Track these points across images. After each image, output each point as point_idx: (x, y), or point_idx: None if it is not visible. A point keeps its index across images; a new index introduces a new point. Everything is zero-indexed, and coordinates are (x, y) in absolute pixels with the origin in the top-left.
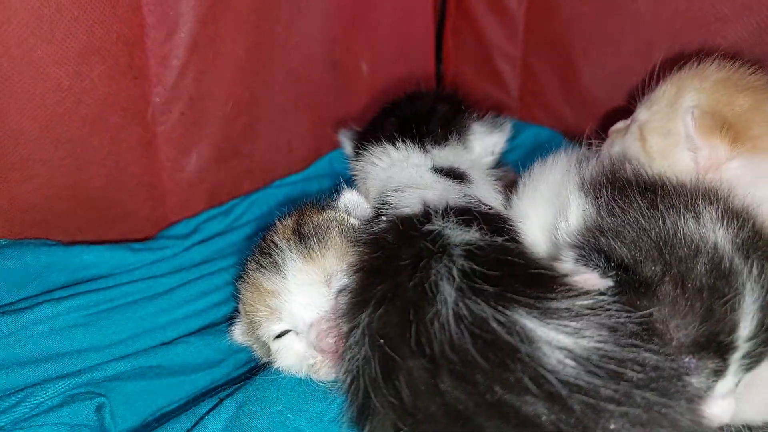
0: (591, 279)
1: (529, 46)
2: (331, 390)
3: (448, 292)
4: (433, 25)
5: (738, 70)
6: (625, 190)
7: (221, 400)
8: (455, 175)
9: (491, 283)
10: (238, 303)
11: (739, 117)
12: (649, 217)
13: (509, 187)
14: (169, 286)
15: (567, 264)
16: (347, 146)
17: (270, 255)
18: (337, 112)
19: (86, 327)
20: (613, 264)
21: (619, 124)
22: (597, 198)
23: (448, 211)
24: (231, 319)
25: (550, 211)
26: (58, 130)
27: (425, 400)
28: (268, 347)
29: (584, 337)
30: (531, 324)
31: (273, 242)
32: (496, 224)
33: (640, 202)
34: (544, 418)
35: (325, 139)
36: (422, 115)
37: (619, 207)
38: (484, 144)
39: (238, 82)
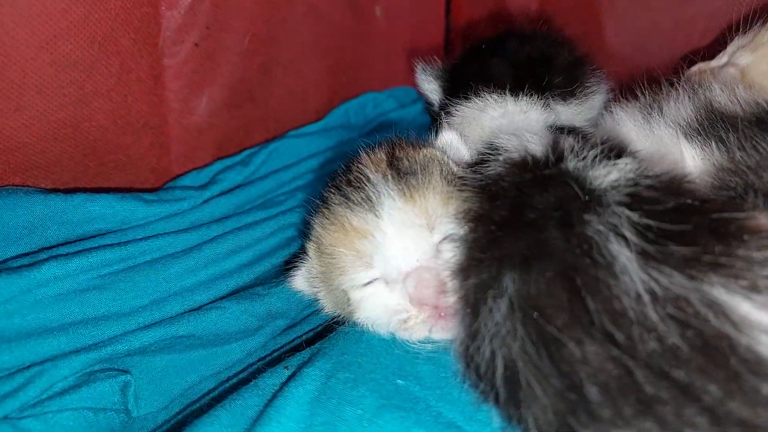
0: None
1: None
2: (431, 350)
3: (625, 256)
4: None
5: None
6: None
7: (298, 368)
8: (576, 133)
9: (681, 243)
10: (306, 243)
11: None
12: None
13: None
14: (191, 243)
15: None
16: (430, 83)
17: (361, 189)
18: (352, 60)
19: (101, 290)
20: None
21: (701, 65)
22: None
23: (583, 146)
24: (289, 263)
25: None
26: (61, 50)
27: (617, 398)
28: (347, 297)
29: None
30: (741, 304)
31: (364, 175)
32: (630, 152)
33: None
34: None
35: (339, 89)
36: (541, 63)
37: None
38: (601, 101)
39: (258, 14)
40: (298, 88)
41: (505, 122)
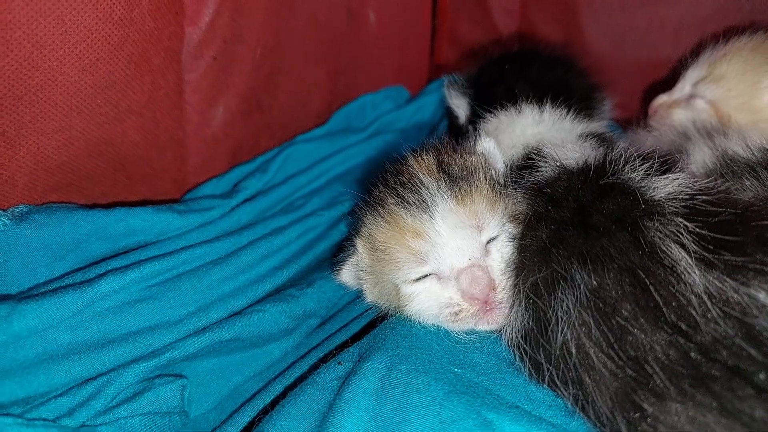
0: None
1: None
2: (477, 340)
3: (685, 260)
4: None
5: None
6: None
7: (356, 363)
8: (601, 139)
9: (732, 251)
10: (356, 239)
11: None
12: None
13: None
14: (226, 251)
15: None
16: (457, 98)
17: (416, 191)
18: (348, 63)
19: (153, 301)
20: None
21: (663, 97)
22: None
23: (631, 160)
24: (336, 260)
25: None
26: (101, 72)
27: (677, 380)
28: (398, 291)
29: None
30: None
31: (417, 178)
32: (675, 164)
33: None
34: None
35: (337, 92)
36: (563, 90)
37: None
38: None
39: (267, 26)
40: (300, 94)
41: (542, 130)
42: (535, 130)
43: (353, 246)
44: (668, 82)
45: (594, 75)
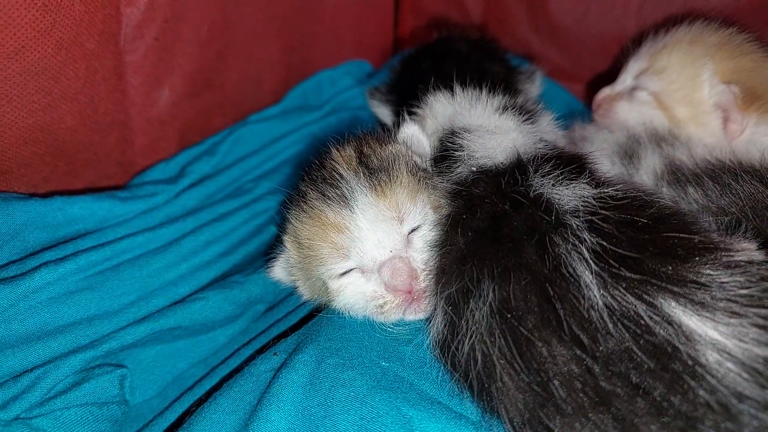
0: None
1: None
2: (407, 332)
3: (587, 278)
4: None
5: (732, 34)
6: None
7: (289, 355)
8: (522, 110)
9: (631, 268)
10: (283, 235)
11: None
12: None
13: None
14: (169, 238)
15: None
16: (378, 107)
17: (335, 186)
18: (304, 38)
19: (91, 291)
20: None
21: (606, 90)
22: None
23: (541, 164)
24: (267, 255)
25: None
26: (29, 59)
27: (579, 396)
28: (325, 286)
29: (744, 340)
30: (686, 319)
31: (337, 172)
32: (585, 167)
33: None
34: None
35: (293, 68)
36: (480, 81)
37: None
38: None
39: (212, 3)
40: (252, 71)
41: (456, 110)
42: (449, 111)
43: (282, 243)
44: (611, 76)
45: (512, 57)
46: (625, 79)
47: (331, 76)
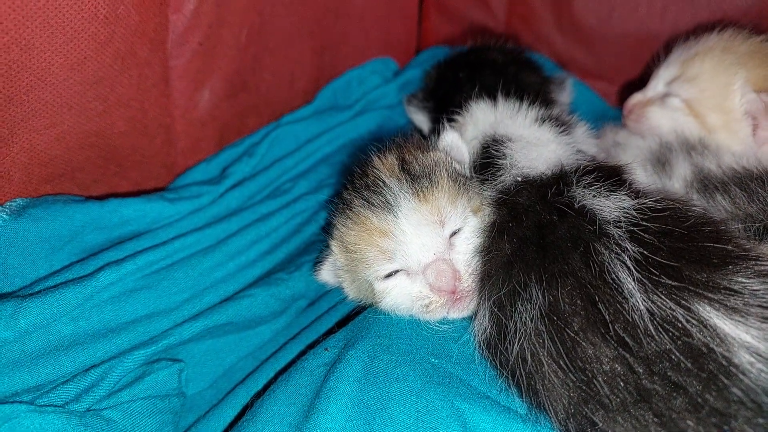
0: None
1: None
2: (453, 330)
3: (630, 284)
4: None
5: (763, 42)
6: None
7: (341, 351)
8: (559, 121)
9: (670, 276)
10: (330, 240)
11: None
12: None
13: None
14: (217, 238)
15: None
16: (416, 113)
17: (379, 193)
18: (333, 38)
19: (148, 290)
20: None
21: (638, 96)
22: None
23: (583, 175)
24: (316, 260)
25: None
26: (89, 69)
27: (622, 393)
28: (371, 287)
29: None
30: (720, 323)
31: (380, 179)
32: (624, 178)
33: None
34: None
35: (323, 67)
36: (516, 91)
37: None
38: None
39: (251, 7)
40: (285, 72)
41: (498, 118)
42: (491, 119)
43: (329, 247)
44: (640, 82)
45: (544, 68)
46: (657, 86)
47: (359, 75)
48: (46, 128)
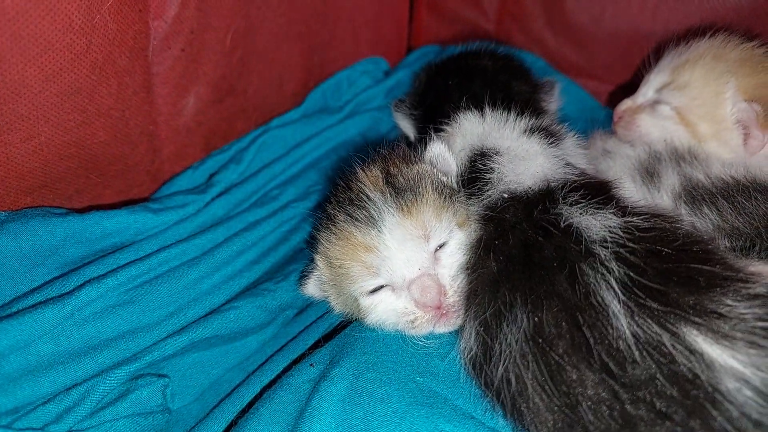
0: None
1: None
2: (439, 346)
3: (615, 307)
4: None
5: (754, 48)
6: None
7: (326, 368)
8: (548, 133)
9: (656, 299)
10: (315, 254)
11: None
12: None
13: None
14: (202, 249)
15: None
16: (403, 120)
17: (363, 207)
18: (322, 39)
19: (131, 305)
20: None
21: (628, 102)
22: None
23: (569, 192)
24: (301, 274)
25: None
26: (66, 80)
27: (606, 420)
28: (357, 303)
29: (762, 369)
30: (707, 348)
31: (364, 194)
32: (611, 195)
33: None
34: None
35: (313, 70)
36: (505, 100)
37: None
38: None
39: (237, 10)
40: (273, 75)
41: (486, 130)
42: (479, 131)
43: (314, 261)
44: (631, 85)
45: (533, 74)
46: (647, 92)
47: (349, 76)
48: (22, 141)
